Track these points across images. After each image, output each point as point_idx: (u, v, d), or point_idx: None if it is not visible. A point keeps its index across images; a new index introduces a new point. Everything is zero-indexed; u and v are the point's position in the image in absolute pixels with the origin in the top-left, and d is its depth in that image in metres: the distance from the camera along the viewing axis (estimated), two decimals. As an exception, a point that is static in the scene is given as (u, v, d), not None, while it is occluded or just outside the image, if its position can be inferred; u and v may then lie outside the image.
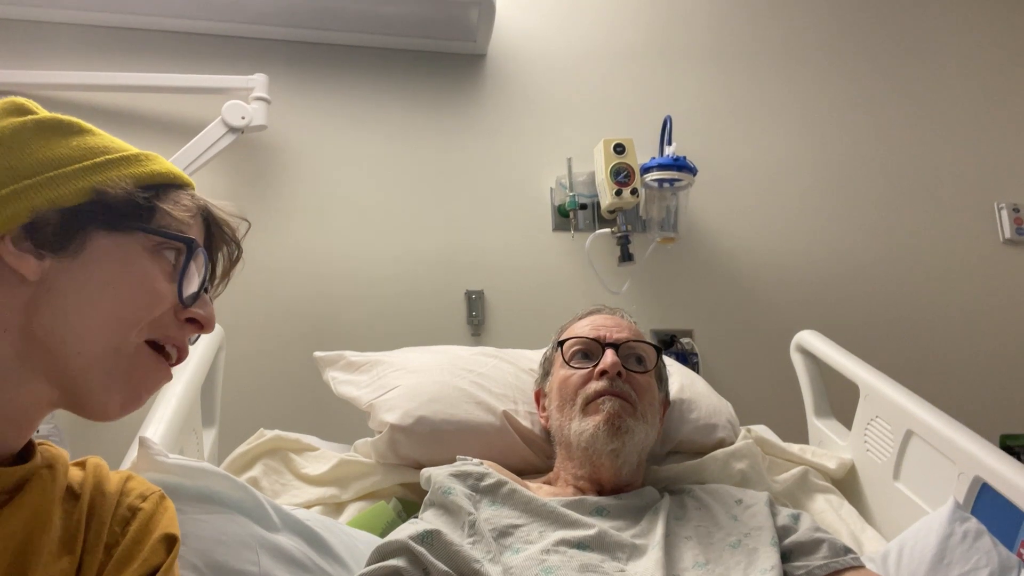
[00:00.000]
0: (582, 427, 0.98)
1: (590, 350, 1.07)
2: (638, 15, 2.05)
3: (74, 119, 0.61)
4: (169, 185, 0.64)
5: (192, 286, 0.62)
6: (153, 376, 0.61)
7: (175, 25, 1.71)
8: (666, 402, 1.15)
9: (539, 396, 1.17)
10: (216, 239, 0.68)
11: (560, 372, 1.07)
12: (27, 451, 0.59)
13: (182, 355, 0.64)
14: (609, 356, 1.02)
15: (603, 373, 1.01)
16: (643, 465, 1.06)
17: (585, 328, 1.10)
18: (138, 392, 0.60)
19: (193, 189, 0.67)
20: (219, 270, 0.70)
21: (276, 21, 1.74)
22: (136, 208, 0.59)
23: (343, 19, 1.75)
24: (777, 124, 2.05)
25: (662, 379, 1.14)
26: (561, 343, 1.10)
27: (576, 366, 1.05)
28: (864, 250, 2.02)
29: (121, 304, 0.58)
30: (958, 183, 2.12)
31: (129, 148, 0.63)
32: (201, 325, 0.63)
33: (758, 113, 2.05)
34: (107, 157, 0.60)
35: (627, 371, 1.02)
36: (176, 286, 0.61)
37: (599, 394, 1.00)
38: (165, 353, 0.62)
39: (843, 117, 2.10)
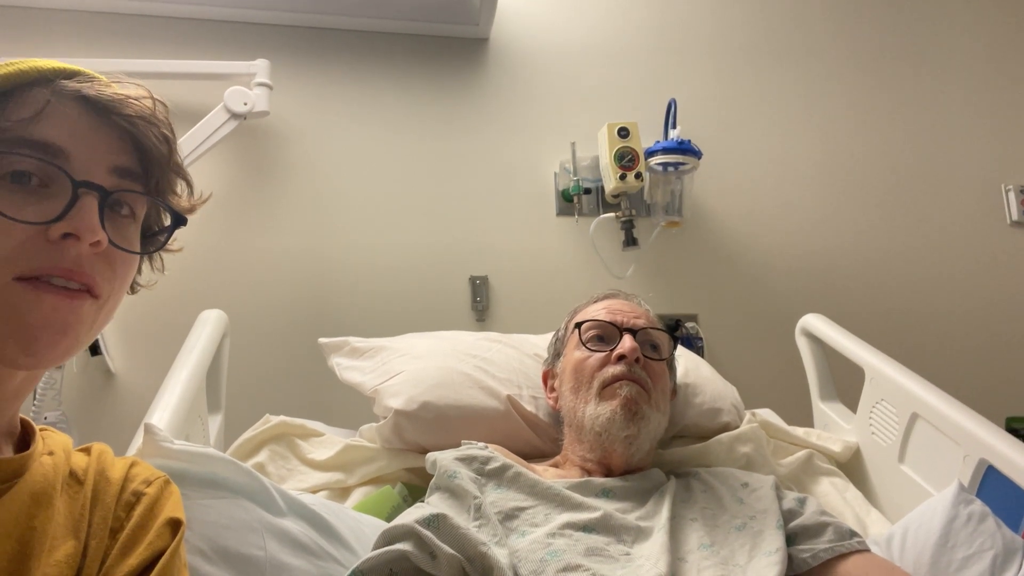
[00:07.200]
0: (598, 411, 0.98)
1: (607, 334, 1.06)
2: (642, -3, 2.03)
3: None
4: (26, 85, 0.54)
5: (31, 203, 0.52)
6: (39, 310, 0.51)
7: (176, 11, 1.70)
8: (674, 391, 1.15)
9: (547, 377, 1.17)
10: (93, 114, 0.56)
11: (575, 354, 1.07)
12: (27, 439, 0.59)
13: (81, 277, 0.53)
14: (628, 341, 1.01)
15: (621, 357, 1.00)
16: (652, 452, 1.06)
17: (601, 312, 1.09)
18: (32, 333, 0.51)
19: (72, 75, 0.56)
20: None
21: (277, 6, 1.73)
22: None
23: (344, 3, 1.74)
24: (782, 107, 2.03)
25: (672, 368, 1.14)
26: (578, 325, 1.09)
27: (593, 349, 1.05)
28: (870, 233, 2.00)
29: None
30: (965, 165, 2.10)
31: None
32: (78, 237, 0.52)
33: (764, 97, 2.03)
34: None
35: (644, 358, 1.02)
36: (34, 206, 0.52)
37: (616, 378, 0.99)
38: (53, 286, 0.53)
39: (849, 101, 2.07)
